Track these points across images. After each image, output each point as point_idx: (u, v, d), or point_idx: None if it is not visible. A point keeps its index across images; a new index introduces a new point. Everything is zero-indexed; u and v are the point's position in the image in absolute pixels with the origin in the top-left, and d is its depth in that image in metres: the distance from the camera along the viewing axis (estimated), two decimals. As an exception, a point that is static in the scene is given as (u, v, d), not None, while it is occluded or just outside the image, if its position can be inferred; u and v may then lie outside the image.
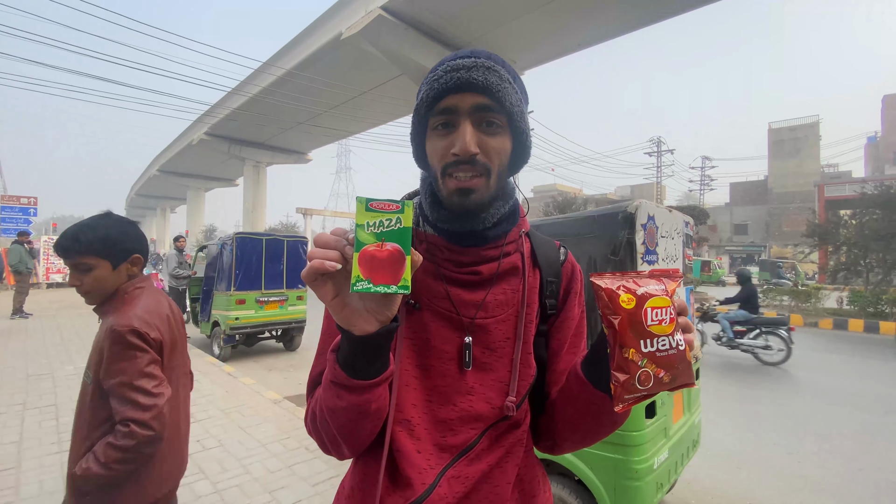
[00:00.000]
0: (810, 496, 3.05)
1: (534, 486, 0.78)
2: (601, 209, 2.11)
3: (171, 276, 7.76)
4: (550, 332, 0.80)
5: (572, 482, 2.12)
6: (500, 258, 0.74)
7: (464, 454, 0.70)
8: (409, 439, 0.69)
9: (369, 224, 0.53)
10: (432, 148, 0.70)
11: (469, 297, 0.72)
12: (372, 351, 0.59)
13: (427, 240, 0.75)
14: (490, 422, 0.71)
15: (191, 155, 38.64)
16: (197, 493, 2.71)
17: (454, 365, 0.71)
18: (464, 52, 0.69)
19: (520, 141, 0.72)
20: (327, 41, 19.49)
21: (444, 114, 0.67)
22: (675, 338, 0.57)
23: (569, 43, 19.51)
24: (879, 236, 12.05)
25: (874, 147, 43.52)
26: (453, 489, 0.68)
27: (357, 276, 0.52)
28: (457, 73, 0.65)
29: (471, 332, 0.72)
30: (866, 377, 6.16)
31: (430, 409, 0.71)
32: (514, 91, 0.69)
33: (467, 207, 0.68)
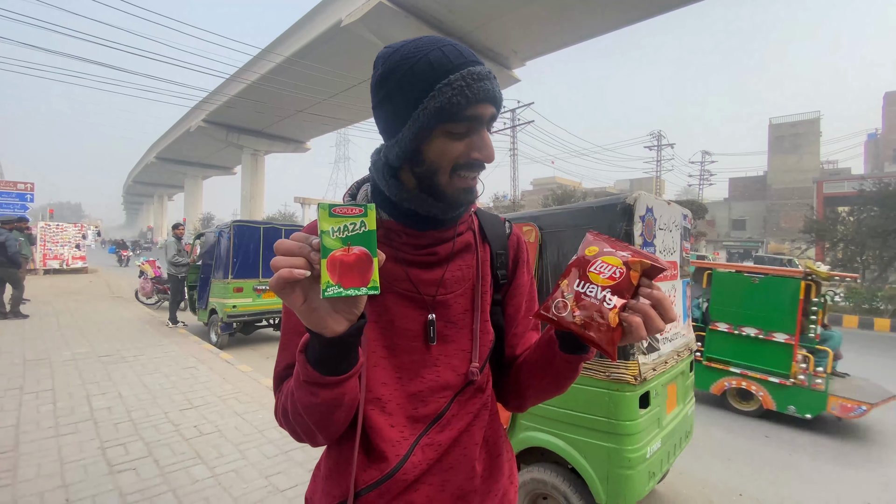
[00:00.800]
0: (799, 487, 3.10)
1: (499, 445, 0.85)
2: (600, 200, 2.11)
3: (171, 264, 7.74)
4: (505, 299, 0.87)
5: (566, 470, 2.14)
6: (455, 237, 0.80)
7: (436, 422, 0.75)
8: (382, 415, 0.73)
9: (334, 230, 0.54)
10: (443, 147, 0.69)
11: (428, 276, 0.77)
12: (343, 349, 0.61)
13: (384, 225, 0.77)
14: (457, 389, 0.77)
15: (188, 142, 38.40)
16: (194, 478, 2.73)
17: (419, 341, 0.76)
18: (469, 54, 0.69)
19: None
20: (327, 28, 19.30)
21: (468, 121, 0.68)
22: (603, 292, 0.62)
23: (570, 34, 19.36)
24: (876, 233, 12.10)
25: (874, 144, 43.49)
26: (426, 456, 0.73)
27: (327, 282, 0.53)
28: (482, 83, 0.67)
29: (433, 308, 0.77)
30: (860, 372, 6.21)
31: (401, 384, 0.75)
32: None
33: (469, 202, 0.75)
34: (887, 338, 9.14)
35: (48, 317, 8.06)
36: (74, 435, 3.26)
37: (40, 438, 3.19)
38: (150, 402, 3.97)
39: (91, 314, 8.53)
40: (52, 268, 16.24)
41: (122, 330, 7.18)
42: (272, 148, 36.79)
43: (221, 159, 45.49)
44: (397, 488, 0.72)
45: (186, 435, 3.34)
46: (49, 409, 3.74)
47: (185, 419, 3.63)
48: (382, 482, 0.71)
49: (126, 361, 5.29)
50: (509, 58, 21.54)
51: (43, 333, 6.68)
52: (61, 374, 4.70)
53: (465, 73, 0.67)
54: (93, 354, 5.54)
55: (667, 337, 2.26)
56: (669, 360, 2.23)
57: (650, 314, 0.61)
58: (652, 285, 0.63)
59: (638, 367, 1.92)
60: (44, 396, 4.02)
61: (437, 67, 0.67)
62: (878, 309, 10.83)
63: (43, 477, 2.68)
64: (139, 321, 8.03)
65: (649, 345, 2.05)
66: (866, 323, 10.21)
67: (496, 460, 0.83)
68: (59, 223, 17.33)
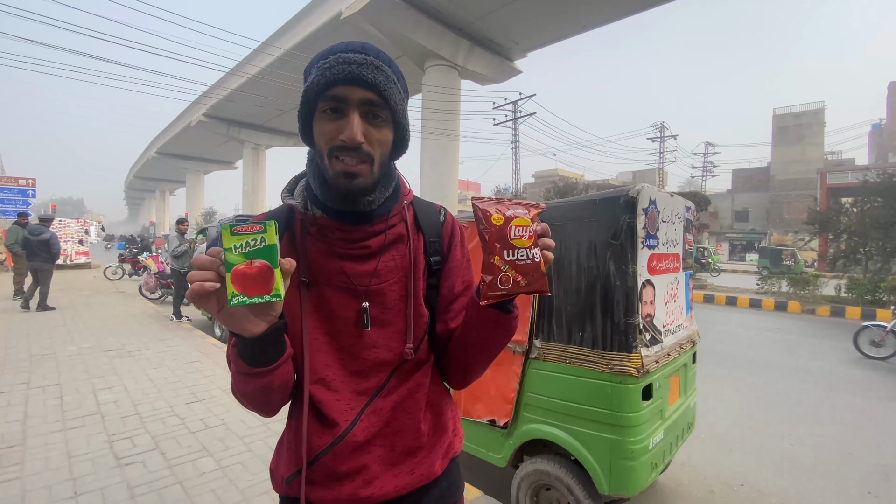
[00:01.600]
0: (801, 478, 3.11)
1: (442, 406, 0.93)
2: (603, 193, 2.10)
3: (173, 257, 7.77)
4: (440, 282, 0.92)
5: (569, 462, 2.16)
6: (386, 231, 0.85)
7: (378, 393, 0.83)
8: (328, 392, 0.82)
9: (236, 246, 0.60)
10: (320, 129, 0.76)
11: (362, 268, 0.83)
12: (264, 346, 0.69)
13: (317, 222, 0.83)
14: (395, 365, 0.85)
15: (189, 137, 38.35)
16: (200, 470, 2.76)
17: (357, 327, 0.83)
18: (354, 44, 0.77)
19: (400, 134, 0.82)
20: (327, 20, 19.18)
21: (333, 100, 0.74)
22: (531, 251, 0.71)
23: (571, 25, 19.18)
24: (879, 224, 12.03)
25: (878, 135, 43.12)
26: (372, 421, 0.82)
27: (232, 293, 0.60)
28: (349, 66, 0.72)
29: (367, 297, 0.83)
30: (861, 364, 6.22)
31: (343, 365, 0.83)
32: (398, 91, 0.78)
33: (351, 190, 0.77)
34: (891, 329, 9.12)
35: (54, 312, 8.11)
36: (81, 429, 3.30)
37: (47, 432, 3.22)
38: (155, 396, 4.01)
39: (95, 309, 8.57)
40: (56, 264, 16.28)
41: (126, 325, 7.23)
42: (273, 142, 36.70)
43: (222, 154, 45.42)
44: (349, 449, 0.80)
45: (192, 428, 3.37)
46: (56, 403, 3.78)
47: (191, 412, 3.66)
48: (335, 444, 0.80)
49: (131, 356, 5.33)
50: (511, 49, 21.37)
51: (48, 328, 6.73)
52: (67, 368, 4.74)
53: (336, 57, 0.74)
54: (98, 349, 5.58)
55: (669, 329, 2.27)
56: (672, 352, 2.24)
57: (550, 244, 0.75)
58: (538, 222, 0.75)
59: (640, 360, 1.92)
60: (50, 391, 4.06)
61: (319, 56, 0.77)
62: (880, 300, 10.80)
63: (51, 470, 2.71)
64: (143, 316, 8.07)
65: (652, 337, 2.06)
66: (869, 314, 10.19)
67: (440, 419, 0.92)
68: (61, 219, 17.37)
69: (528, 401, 2.26)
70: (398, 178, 0.90)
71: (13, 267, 9.69)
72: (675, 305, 2.38)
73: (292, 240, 0.85)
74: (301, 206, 0.84)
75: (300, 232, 0.84)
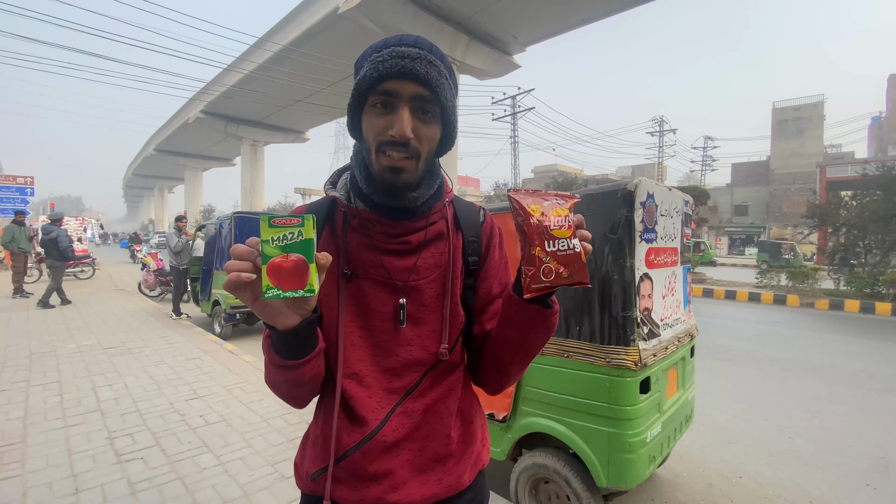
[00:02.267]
0: (799, 470, 3.13)
1: (472, 414, 0.92)
2: (601, 187, 2.10)
3: (172, 254, 7.77)
4: (477, 282, 0.91)
5: (567, 455, 2.17)
6: (427, 227, 0.85)
7: (409, 393, 0.82)
8: (360, 388, 0.81)
9: (273, 239, 0.60)
10: (369, 123, 0.76)
11: (401, 263, 0.83)
12: (297, 339, 0.69)
13: (360, 215, 0.82)
14: (429, 366, 0.84)
15: (187, 134, 38.23)
16: (201, 466, 2.77)
17: (392, 322, 0.82)
18: (408, 38, 0.75)
19: (448, 131, 0.80)
20: (324, 15, 19.06)
21: (384, 95, 0.73)
22: (572, 241, 0.70)
23: (569, 18, 19.08)
24: (879, 217, 12.02)
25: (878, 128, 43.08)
26: (403, 422, 0.81)
27: (267, 285, 0.60)
28: (401, 60, 0.71)
29: (404, 293, 0.82)
30: (860, 356, 6.24)
31: (376, 361, 0.82)
32: (449, 87, 0.77)
33: (396, 185, 0.76)
34: (889, 321, 9.15)
35: (53, 310, 8.11)
36: (82, 426, 3.31)
37: (48, 429, 3.23)
38: (155, 393, 4.01)
39: (95, 307, 8.58)
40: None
41: (126, 322, 7.23)
42: (271, 138, 36.58)
43: (221, 151, 45.28)
44: (378, 449, 0.79)
45: (193, 424, 3.38)
46: (56, 400, 3.79)
47: (191, 409, 3.67)
48: (364, 443, 0.79)
49: (131, 353, 5.34)
50: (510, 43, 21.27)
51: (48, 326, 6.73)
52: (67, 366, 4.75)
53: (389, 50, 0.73)
54: (98, 346, 5.59)
55: (667, 323, 2.27)
56: (670, 345, 2.24)
57: (587, 235, 0.73)
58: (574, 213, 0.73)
59: (638, 353, 1.93)
60: (51, 388, 4.07)
61: (372, 49, 0.76)
62: (879, 293, 10.82)
63: (52, 467, 2.72)
64: (143, 313, 8.08)
65: (650, 330, 2.06)
66: (868, 307, 10.22)
67: (469, 427, 0.90)
68: (60, 217, 17.34)
69: (526, 395, 2.26)
70: (442, 175, 0.89)
71: (12, 265, 9.70)
72: (672, 299, 2.39)
73: (333, 231, 0.85)
74: (344, 199, 0.84)
75: (342, 224, 0.84)
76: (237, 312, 6.66)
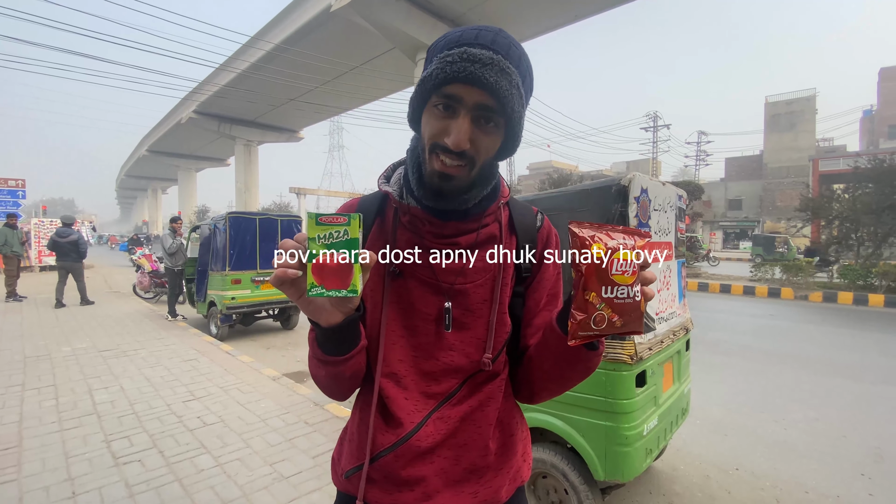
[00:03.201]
0: (795, 461, 3.16)
1: (512, 426, 0.87)
2: (595, 182, 2.10)
3: (167, 255, 7.73)
4: (527, 292, 0.86)
5: (565, 449, 2.18)
6: (478, 230, 0.81)
7: (447, 400, 0.79)
8: (397, 388, 0.79)
9: (320, 237, 0.60)
10: (428, 121, 0.73)
11: (449, 265, 0.79)
12: (339, 336, 0.70)
13: (410, 212, 0.80)
14: (469, 373, 0.80)
15: (180, 134, 37.94)
16: (199, 468, 2.76)
17: (436, 325, 0.80)
18: (485, 36, 0.69)
19: (510, 139, 0.75)
20: (316, 13, 18.94)
21: (448, 98, 0.69)
22: (633, 289, 0.63)
23: (563, 15, 19.05)
24: (871, 210, 12.12)
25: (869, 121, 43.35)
26: (439, 428, 0.78)
27: (311, 283, 0.60)
28: (472, 65, 0.66)
29: (450, 296, 0.79)
30: (854, 348, 6.30)
31: (416, 362, 0.80)
32: (520, 96, 0.71)
33: (443, 190, 0.74)
34: (881, 313, 9.25)
35: (47, 313, 8.05)
36: (78, 429, 3.29)
37: (44, 433, 3.21)
38: (152, 395, 4.00)
39: (89, 309, 8.52)
40: (47, 264, 16.16)
41: (121, 324, 7.19)
42: (265, 138, 36.35)
43: (214, 151, 44.96)
44: (412, 454, 0.77)
45: (190, 426, 3.37)
46: (51, 404, 3.76)
47: (189, 410, 3.66)
48: (398, 445, 0.77)
49: (127, 355, 5.31)
50: (502, 40, 21.22)
51: (42, 329, 6.68)
52: (62, 369, 4.72)
53: (461, 50, 0.68)
54: (93, 349, 5.56)
55: (662, 317, 2.28)
56: (665, 339, 2.25)
57: (650, 278, 0.67)
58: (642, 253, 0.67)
59: (634, 347, 1.94)
60: (46, 392, 4.04)
61: (447, 42, 0.71)
62: (872, 285, 10.92)
63: (48, 471, 2.70)
64: (138, 315, 8.03)
65: (645, 325, 2.07)
66: (861, 299, 10.31)
67: (510, 439, 0.86)
68: (52, 219, 17.20)
69: (523, 391, 2.27)
70: (499, 177, 0.84)
71: (5, 269, 9.61)
72: (667, 293, 2.40)
73: (382, 226, 0.83)
74: (396, 195, 0.82)
75: (392, 220, 0.82)
76: (233, 313, 6.65)
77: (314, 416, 3.57)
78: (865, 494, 2.76)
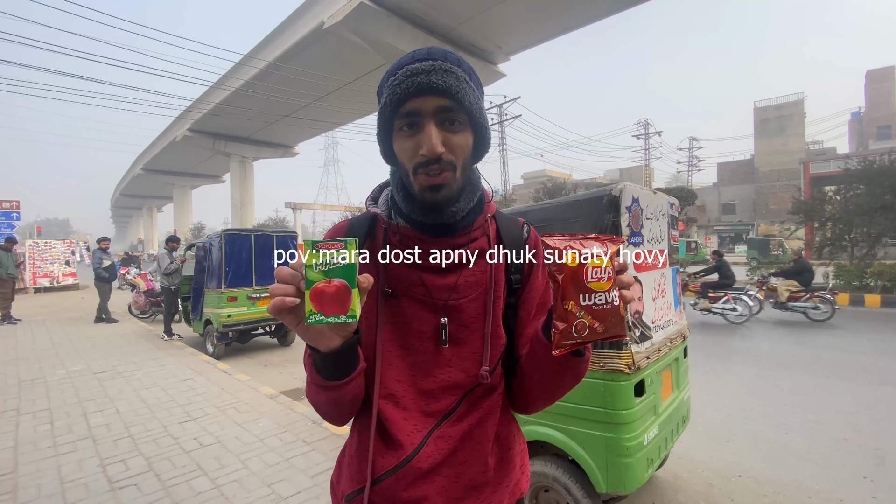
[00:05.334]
0: (796, 465, 3.14)
1: (510, 439, 0.88)
2: (587, 193, 2.12)
3: (163, 275, 7.69)
4: (518, 303, 0.87)
5: (566, 462, 2.16)
6: (468, 245, 0.82)
7: (446, 417, 0.79)
8: (396, 409, 0.79)
9: (317, 263, 0.60)
10: (400, 148, 0.75)
11: (442, 282, 0.80)
12: (338, 360, 0.70)
13: (400, 232, 0.81)
14: (467, 388, 0.81)
15: (175, 152, 38.01)
16: (196, 490, 2.72)
17: (432, 343, 0.80)
18: (420, 52, 0.74)
19: (480, 134, 0.78)
20: (309, 31, 19.16)
21: (408, 116, 0.72)
22: (611, 294, 0.64)
23: (552, 27, 19.35)
24: (863, 211, 12.24)
25: (858, 123, 43.93)
26: (439, 447, 0.78)
27: (310, 311, 0.60)
28: (417, 77, 0.70)
29: (445, 313, 0.80)
30: (851, 349, 6.31)
31: (414, 382, 0.80)
32: (472, 89, 0.75)
33: (438, 202, 0.75)
34: (878, 313, 9.28)
35: (42, 335, 7.97)
36: (73, 454, 3.24)
37: (39, 459, 3.16)
38: (148, 417, 3.95)
39: (84, 331, 8.44)
40: (42, 286, 16.06)
41: (116, 345, 7.12)
42: (260, 154, 36.48)
43: (209, 168, 45.05)
44: (413, 475, 0.76)
45: (187, 448, 3.32)
46: (46, 429, 3.71)
47: (185, 432, 3.62)
48: (399, 468, 0.76)
49: (122, 377, 5.26)
50: (494, 53, 21.50)
51: (37, 352, 6.61)
52: (57, 392, 4.66)
53: (405, 70, 0.72)
54: (88, 371, 5.50)
55: (659, 325, 2.29)
56: (662, 347, 2.26)
57: (627, 281, 0.68)
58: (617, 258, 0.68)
59: (631, 357, 1.94)
60: (41, 416, 3.99)
61: (389, 73, 0.75)
62: (867, 285, 10.97)
63: (44, 497, 2.66)
64: (134, 335, 7.97)
65: (641, 333, 2.08)
66: (857, 300, 10.35)
67: (507, 453, 0.86)
68: (47, 240, 17.13)
69: (522, 403, 2.26)
70: (482, 188, 0.86)
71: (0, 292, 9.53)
72: (663, 301, 2.41)
73: (373, 248, 0.84)
74: (385, 216, 0.83)
75: (382, 241, 0.83)
76: (229, 331, 6.60)
77: (312, 434, 3.54)
78: (868, 497, 2.74)
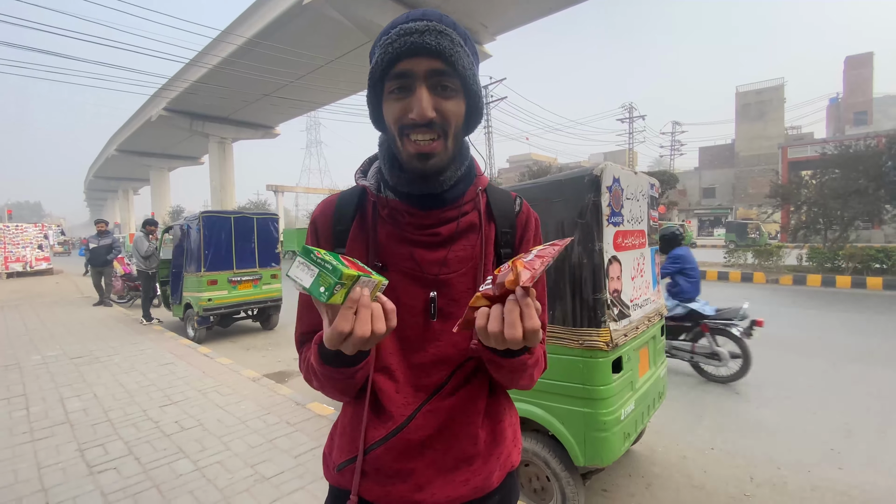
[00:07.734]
0: (767, 439, 3.27)
1: (500, 413, 0.88)
2: (568, 173, 2.12)
3: (141, 258, 7.51)
4: None
5: (545, 437, 2.21)
6: (458, 218, 0.81)
7: (437, 392, 0.80)
8: (389, 381, 0.80)
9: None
10: (389, 111, 0.73)
11: (432, 256, 0.80)
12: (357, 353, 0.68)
13: (389, 205, 0.80)
14: (458, 363, 0.81)
15: (150, 132, 36.80)
16: (177, 472, 2.71)
17: (422, 317, 0.80)
18: (415, 13, 0.71)
19: (473, 102, 0.76)
20: (289, 6, 18.55)
21: (399, 78, 0.70)
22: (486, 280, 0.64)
23: (538, 6, 19.11)
24: (837, 195, 12.57)
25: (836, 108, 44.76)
26: (429, 421, 0.78)
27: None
28: (410, 37, 0.67)
29: (435, 287, 0.80)
30: (822, 328, 6.54)
31: (406, 355, 0.80)
32: (466, 54, 0.72)
33: (426, 171, 0.73)
34: (848, 294, 9.62)
35: (15, 321, 7.76)
36: (50, 439, 3.19)
37: (15, 444, 3.10)
38: (127, 401, 3.90)
39: (60, 316, 8.24)
40: (14, 271, 15.58)
41: (93, 330, 6.98)
42: (239, 135, 35.55)
43: (187, 149, 43.77)
44: (402, 446, 0.77)
45: (167, 431, 3.30)
46: (22, 414, 3.64)
47: (166, 415, 3.58)
48: (389, 438, 0.77)
49: (100, 361, 5.16)
50: (479, 33, 21.17)
51: (10, 338, 6.44)
52: (32, 378, 4.56)
53: (399, 28, 0.69)
54: (64, 357, 5.38)
55: (637, 303, 2.33)
56: (640, 325, 2.30)
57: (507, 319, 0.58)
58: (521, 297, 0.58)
59: (609, 334, 1.97)
60: (16, 402, 3.90)
61: (383, 32, 0.72)
62: (839, 267, 11.34)
63: (21, 482, 2.62)
64: (112, 320, 7.81)
65: (620, 311, 2.11)
66: (829, 281, 10.71)
67: (498, 426, 0.87)
68: (18, 224, 16.56)
69: (503, 381, 2.29)
70: (472, 158, 0.84)
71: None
72: (641, 280, 2.44)
73: (363, 222, 0.82)
74: (374, 189, 0.81)
75: (371, 214, 0.82)
76: (210, 315, 6.51)
77: (296, 415, 3.54)
78: (835, 468, 2.87)
